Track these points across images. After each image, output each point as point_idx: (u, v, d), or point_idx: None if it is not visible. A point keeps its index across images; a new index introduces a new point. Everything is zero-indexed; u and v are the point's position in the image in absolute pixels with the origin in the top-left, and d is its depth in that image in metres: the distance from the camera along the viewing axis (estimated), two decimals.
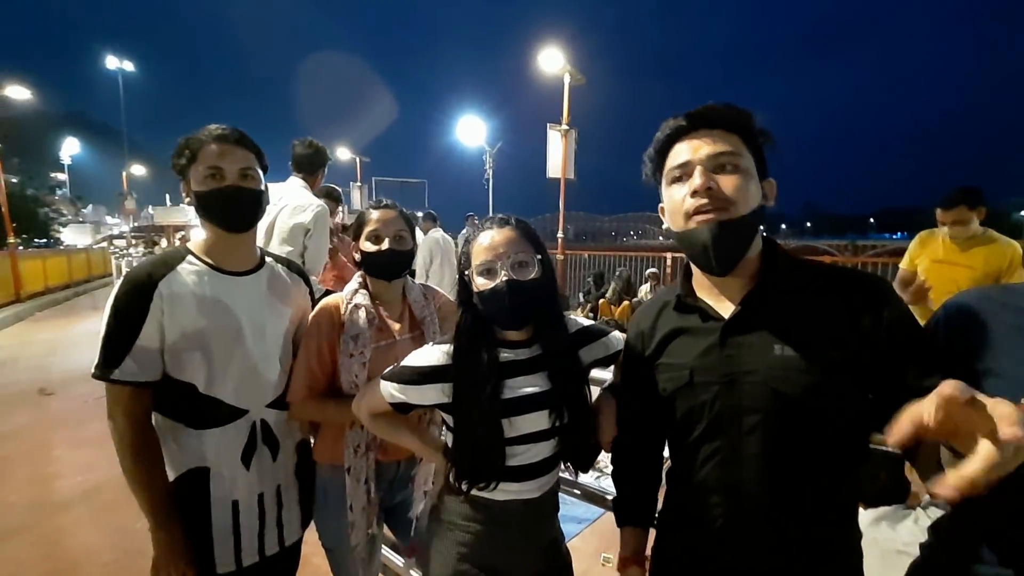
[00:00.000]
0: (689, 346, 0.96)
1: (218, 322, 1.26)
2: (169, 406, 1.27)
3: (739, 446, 0.89)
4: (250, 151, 1.30)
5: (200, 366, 1.25)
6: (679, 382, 0.95)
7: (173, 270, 1.25)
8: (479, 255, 1.06)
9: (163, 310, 1.21)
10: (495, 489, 1.09)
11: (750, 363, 0.88)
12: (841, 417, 0.85)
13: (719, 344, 0.92)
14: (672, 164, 0.93)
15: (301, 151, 2.97)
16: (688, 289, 1.01)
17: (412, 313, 1.52)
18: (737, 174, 0.88)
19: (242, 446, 1.31)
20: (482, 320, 1.09)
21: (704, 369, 0.92)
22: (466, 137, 19.37)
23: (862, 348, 0.83)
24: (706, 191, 0.86)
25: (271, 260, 1.46)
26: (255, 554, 1.35)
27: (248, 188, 1.28)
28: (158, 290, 1.21)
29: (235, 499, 1.31)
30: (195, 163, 1.25)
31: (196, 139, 1.25)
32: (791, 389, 0.84)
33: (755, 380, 0.87)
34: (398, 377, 1.12)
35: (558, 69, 10.00)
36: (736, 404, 0.89)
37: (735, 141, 0.89)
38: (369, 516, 1.41)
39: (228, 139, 1.26)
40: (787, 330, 0.87)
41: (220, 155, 1.24)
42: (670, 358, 0.99)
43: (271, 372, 1.36)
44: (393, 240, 1.42)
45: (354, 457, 1.39)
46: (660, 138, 0.95)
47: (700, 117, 0.91)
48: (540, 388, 1.09)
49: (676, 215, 0.92)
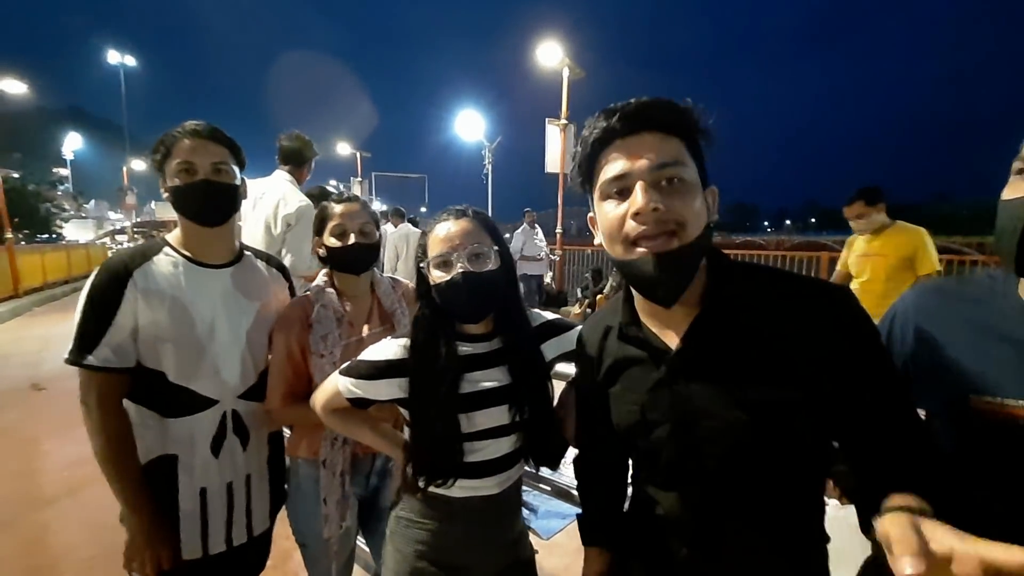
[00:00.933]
0: (638, 379, 0.86)
1: (190, 313, 1.28)
2: (139, 394, 1.29)
3: (696, 488, 0.82)
4: (224, 146, 1.31)
5: (171, 355, 1.27)
6: (631, 418, 0.87)
7: (149, 260, 1.28)
8: (435, 247, 1.03)
9: (137, 298, 1.23)
10: (452, 486, 1.06)
11: (703, 403, 0.78)
12: (805, 453, 0.78)
13: (668, 381, 0.82)
14: (606, 176, 0.77)
15: (287, 144, 2.94)
16: (630, 316, 0.89)
17: (382, 307, 1.50)
18: (684, 189, 0.74)
19: (211, 435, 1.32)
20: (440, 313, 1.06)
21: (654, 407, 0.83)
22: (465, 132, 19.30)
23: (824, 371, 0.74)
24: (651, 213, 0.72)
25: (250, 254, 1.47)
26: (222, 543, 1.36)
27: (220, 182, 1.29)
28: (133, 279, 1.24)
29: (203, 487, 1.33)
30: (169, 158, 1.27)
31: (171, 135, 1.27)
32: (749, 433, 0.76)
33: (711, 424, 0.78)
34: (355, 372, 1.09)
35: (556, 63, 9.94)
36: (691, 445, 0.80)
37: (677, 147, 0.75)
38: (343, 509, 1.40)
39: (201, 134, 1.28)
40: (741, 364, 0.77)
41: (192, 150, 1.26)
42: (621, 390, 0.90)
43: (243, 363, 1.37)
44: (359, 234, 1.40)
45: (330, 450, 1.38)
46: (588, 140, 0.79)
47: (636, 118, 0.75)
48: (500, 382, 1.07)
49: (613, 239, 0.78)
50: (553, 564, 2.42)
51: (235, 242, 1.43)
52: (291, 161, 2.94)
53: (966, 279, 0.86)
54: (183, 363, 1.28)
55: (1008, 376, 0.72)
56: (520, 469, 1.16)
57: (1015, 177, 0.73)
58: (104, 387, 1.23)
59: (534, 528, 2.74)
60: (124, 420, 1.27)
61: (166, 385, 1.27)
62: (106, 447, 1.23)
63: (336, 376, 1.12)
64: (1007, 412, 0.71)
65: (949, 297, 0.84)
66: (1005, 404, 0.71)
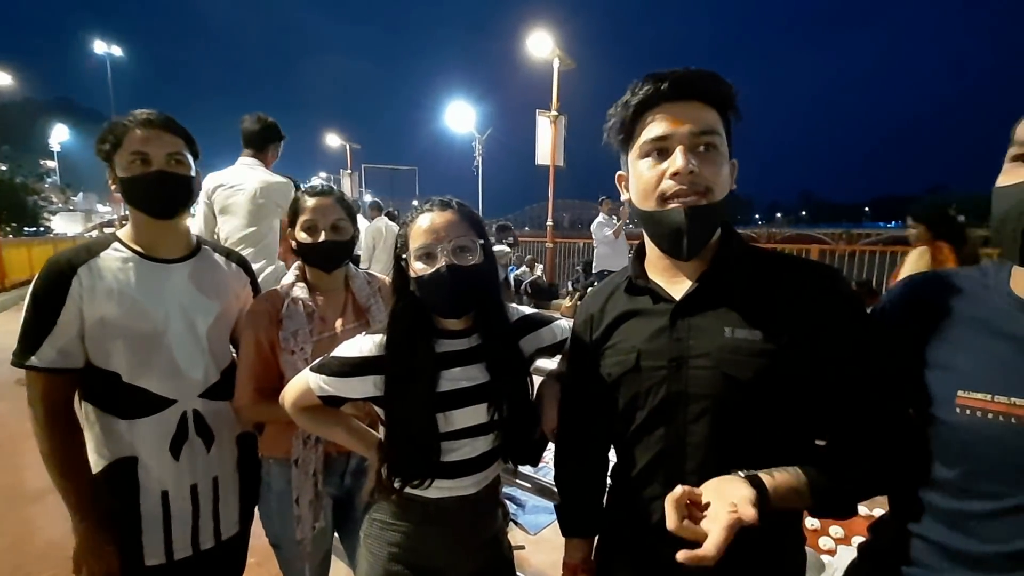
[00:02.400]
0: (638, 329, 0.91)
1: (142, 309, 1.24)
2: (95, 395, 1.25)
3: (683, 435, 0.84)
4: (178, 136, 1.26)
5: (123, 355, 1.23)
6: (625, 366, 0.90)
7: (96, 256, 1.23)
8: (418, 238, 0.99)
9: (82, 296, 1.18)
10: (429, 487, 1.03)
11: (699, 346, 0.83)
12: (789, 405, 0.81)
13: (669, 326, 0.86)
14: (648, 136, 0.83)
15: (249, 126, 2.79)
16: (640, 271, 0.95)
17: (356, 302, 1.45)
18: (717, 157, 0.82)
19: (170, 436, 1.28)
20: (418, 308, 1.03)
21: (652, 352, 0.87)
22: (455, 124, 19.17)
23: (810, 334, 0.79)
24: (688, 175, 0.79)
25: (208, 248, 1.42)
26: (188, 547, 1.32)
27: (176, 173, 1.24)
28: (77, 276, 1.19)
29: (164, 489, 1.29)
30: (120, 149, 1.21)
31: (120, 124, 1.21)
32: (740, 373, 0.80)
33: (704, 364, 0.82)
34: (327, 369, 1.05)
35: (547, 53, 9.89)
36: (682, 390, 0.84)
37: (715, 118, 0.82)
38: (316, 510, 1.37)
39: (154, 123, 1.22)
40: (738, 313, 0.83)
41: (145, 140, 1.20)
42: (618, 341, 0.94)
43: (201, 361, 1.32)
44: (330, 230, 1.35)
45: (303, 449, 1.34)
46: (633, 102, 0.83)
47: (685, 84, 0.81)
48: (478, 380, 1.04)
49: (647, 194, 0.84)
50: (540, 559, 2.42)
51: (191, 236, 1.38)
52: (253, 144, 2.79)
53: (956, 272, 0.83)
54: (135, 361, 1.23)
55: (997, 372, 0.71)
56: (497, 468, 1.13)
57: (1010, 164, 0.71)
58: (49, 388, 1.19)
59: (521, 523, 2.72)
60: (71, 423, 1.23)
61: (121, 386, 1.23)
62: (52, 451, 1.19)
63: (307, 373, 1.08)
64: (995, 409, 0.70)
65: (938, 291, 0.81)
66: (995, 401, 0.70)
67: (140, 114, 1.22)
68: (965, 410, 0.72)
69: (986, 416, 0.70)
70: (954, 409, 0.73)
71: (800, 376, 0.79)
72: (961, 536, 0.73)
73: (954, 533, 0.74)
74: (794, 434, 0.83)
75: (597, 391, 0.95)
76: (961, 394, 0.73)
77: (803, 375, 0.79)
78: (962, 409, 0.73)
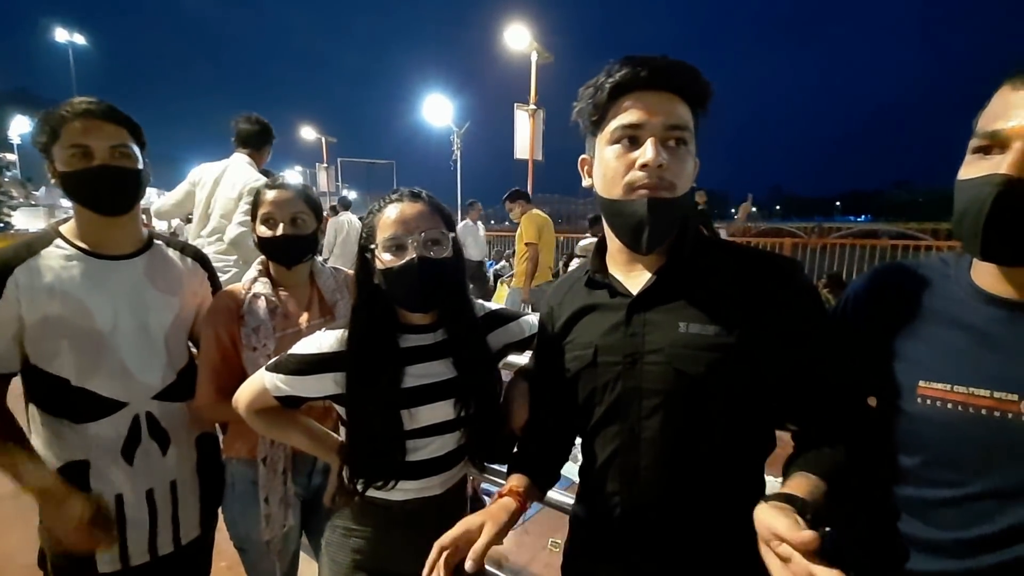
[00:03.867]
0: (596, 324, 0.90)
1: (86, 308, 1.17)
2: (40, 398, 1.20)
3: (637, 430, 0.83)
4: (122, 126, 1.18)
5: (68, 356, 1.17)
6: (583, 362, 0.89)
7: (36, 255, 1.16)
8: (387, 228, 0.96)
9: (19, 298, 1.12)
10: (393, 488, 1.00)
11: (654, 342, 0.82)
12: (742, 400, 0.80)
13: (625, 322, 0.85)
14: (621, 122, 0.79)
15: (246, 127, 2.80)
16: (599, 265, 0.93)
17: (323, 298, 1.41)
18: (685, 154, 0.80)
19: (122, 440, 1.22)
20: (382, 301, 0.99)
21: (608, 348, 0.86)
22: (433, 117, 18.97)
23: (766, 326, 0.79)
24: (656, 168, 0.77)
25: (161, 243, 1.35)
26: (145, 553, 1.27)
27: (121, 167, 1.16)
28: (14, 276, 1.12)
29: (119, 493, 1.23)
30: (58, 141, 1.13)
31: (57, 114, 1.12)
32: (693, 368, 0.79)
33: (656, 359, 0.82)
34: (284, 368, 1.00)
35: (525, 46, 9.83)
36: (636, 386, 0.83)
37: (688, 114, 0.80)
38: (285, 509, 1.33)
39: (94, 114, 1.13)
40: (693, 308, 0.82)
41: (85, 132, 1.12)
42: (576, 336, 0.93)
43: (154, 361, 1.26)
44: (288, 224, 1.31)
45: (270, 448, 1.30)
46: (609, 84, 0.80)
47: (664, 74, 0.78)
48: (445, 376, 1.01)
49: (613, 182, 0.81)
50: (520, 556, 2.41)
51: (141, 231, 1.31)
52: (250, 144, 2.81)
53: (919, 262, 0.84)
54: (82, 363, 1.17)
55: (956, 362, 0.72)
56: (464, 468, 1.11)
57: (972, 156, 0.70)
58: None
59: None
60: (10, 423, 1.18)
61: (69, 389, 1.17)
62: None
63: (262, 373, 1.04)
64: (954, 399, 0.71)
65: (901, 280, 0.82)
66: (954, 391, 0.71)
67: (79, 103, 1.13)
68: (926, 400, 0.73)
69: (945, 406, 0.71)
70: (916, 399, 0.74)
71: (754, 370, 0.79)
72: (920, 524, 0.74)
73: (913, 521, 0.75)
74: (751, 424, 0.83)
75: (558, 386, 0.94)
76: (922, 384, 0.74)
77: (757, 369, 0.79)
78: (923, 399, 0.73)
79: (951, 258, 0.81)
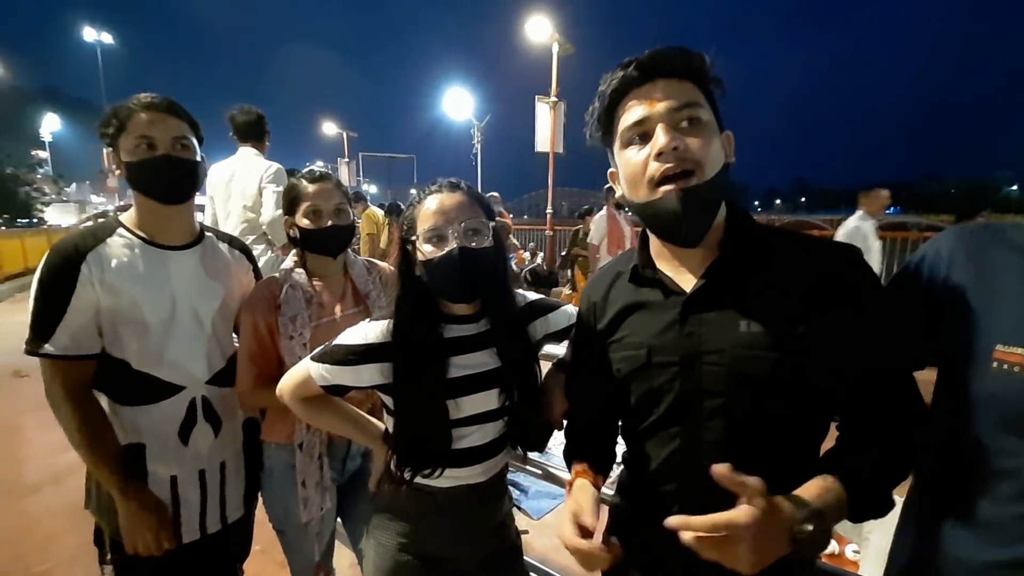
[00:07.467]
0: (646, 323, 0.87)
1: (149, 296, 1.23)
2: (104, 383, 1.25)
3: (699, 432, 0.81)
4: (183, 120, 1.26)
5: (131, 341, 1.23)
6: (635, 363, 0.86)
7: (102, 243, 1.22)
8: (427, 220, 0.96)
9: (93, 283, 1.17)
10: (440, 476, 1.01)
11: (713, 342, 0.79)
12: (808, 399, 0.78)
13: (679, 321, 0.82)
14: (626, 123, 0.80)
15: (244, 119, 2.82)
16: (646, 260, 0.90)
17: (356, 288, 1.44)
18: (702, 129, 0.77)
19: (179, 422, 1.29)
20: (426, 292, 1.00)
21: (663, 348, 0.83)
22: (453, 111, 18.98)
23: (830, 321, 0.75)
24: (672, 152, 0.75)
25: (211, 235, 1.42)
26: (196, 531, 1.33)
27: (182, 158, 1.24)
28: (86, 262, 1.18)
29: (173, 475, 1.29)
30: (124, 133, 1.20)
31: (125, 107, 1.20)
32: (756, 369, 0.76)
33: (718, 360, 0.79)
34: (330, 357, 1.02)
35: (546, 38, 9.75)
36: (696, 387, 0.80)
37: (692, 90, 0.78)
38: (322, 492, 1.37)
39: (159, 107, 1.21)
40: (753, 305, 0.78)
41: (151, 124, 1.20)
42: (625, 336, 0.89)
43: (208, 348, 1.33)
44: (334, 215, 1.35)
45: (306, 433, 1.35)
46: (606, 93, 0.81)
47: (651, 65, 0.78)
48: (488, 366, 1.02)
49: (636, 183, 0.80)
50: (543, 544, 2.44)
51: (195, 222, 1.38)
52: (252, 136, 2.83)
53: (1004, 224, 0.79)
54: (144, 349, 1.23)
55: None
56: (507, 456, 1.12)
57: None
58: (67, 376, 1.18)
59: (524, 508, 2.74)
60: (94, 406, 1.23)
61: (130, 373, 1.23)
62: (80, 436, 1.18)
63: (307, 362, 1.05)
64: None
65: (990, 241, 0.77)
66: None
67: (144, 98, 1.21)
68: (1003, 364, 0.69)
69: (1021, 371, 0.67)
70: (990, 364, 0.70)
71: (820, 366, 0.76)
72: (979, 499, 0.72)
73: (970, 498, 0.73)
74: (815, 421, 0.81)
75: (605, 385, 0.92)
76: (1000, 348, 0.70)
77: (823, 364, 0.76)
78: (999, 363, 0.69)
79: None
